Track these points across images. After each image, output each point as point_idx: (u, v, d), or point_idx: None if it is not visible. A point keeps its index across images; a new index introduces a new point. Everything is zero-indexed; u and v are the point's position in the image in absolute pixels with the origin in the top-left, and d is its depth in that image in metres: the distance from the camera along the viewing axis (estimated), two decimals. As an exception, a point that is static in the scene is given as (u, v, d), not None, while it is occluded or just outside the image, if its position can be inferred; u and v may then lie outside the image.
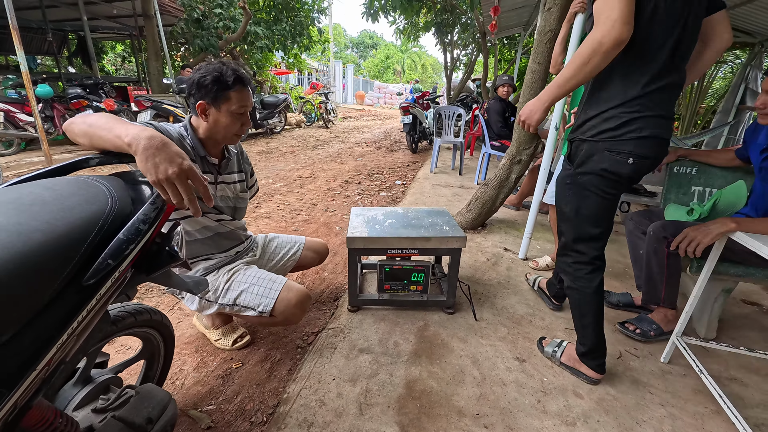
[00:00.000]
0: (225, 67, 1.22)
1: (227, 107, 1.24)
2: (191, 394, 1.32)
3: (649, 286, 1.66)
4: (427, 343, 1.58)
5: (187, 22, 8.00)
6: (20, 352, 0.50)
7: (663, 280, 1.60)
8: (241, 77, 1.23)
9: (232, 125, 1.28)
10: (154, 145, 0.69)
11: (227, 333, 1.54)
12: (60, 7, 7.21)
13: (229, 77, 1.21)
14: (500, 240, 2.69)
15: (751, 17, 4.13)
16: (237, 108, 1.25)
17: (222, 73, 1.20)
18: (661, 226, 1.55)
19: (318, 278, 2.16)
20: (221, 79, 1.20)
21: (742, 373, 1.50)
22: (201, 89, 1.21)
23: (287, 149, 6.48)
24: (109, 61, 13.15)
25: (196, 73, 1.23)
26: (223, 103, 1.23)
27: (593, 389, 1.37)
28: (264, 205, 3.46)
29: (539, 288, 2.02)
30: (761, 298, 2.09)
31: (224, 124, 1.27)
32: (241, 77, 1.24)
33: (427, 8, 8.45)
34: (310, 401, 1.27)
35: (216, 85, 1.20)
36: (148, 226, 0.66)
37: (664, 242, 1.53)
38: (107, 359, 1.01)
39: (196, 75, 1.22)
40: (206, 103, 1.23)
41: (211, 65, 1.23)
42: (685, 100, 5.81)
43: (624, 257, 2.53)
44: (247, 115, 1.31)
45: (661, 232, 1.54)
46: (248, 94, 1.28)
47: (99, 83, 5.90)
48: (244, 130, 1.33)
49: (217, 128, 1.28)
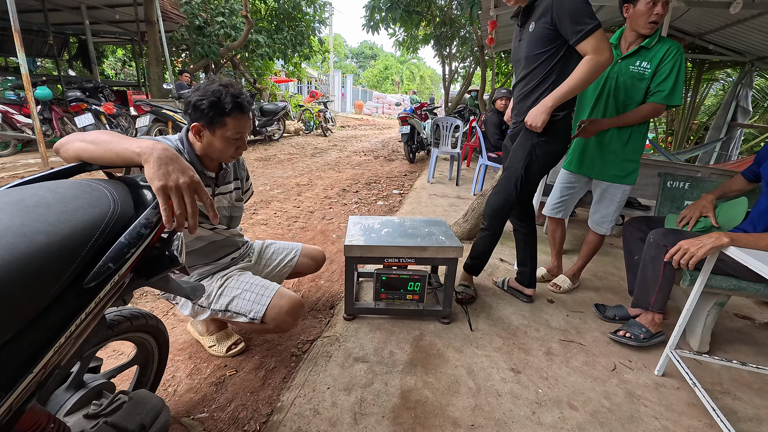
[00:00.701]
0: (224, 92, 1.17)
1: (222, 132, 1.20)
2: (184, 401, 1.30)
3: (641, 290, 1.68)
4: (422, 353, 1.57)
5: (188, 29, 8.07)
6: (19, 354, 0.50)
7: (656, 286, 1.61)
8: (240, 104, 1.19)
9: (227, 150, 1.25)
10: (169, 156, 0.70)
11: (221, 339, 1.53)
12: (62, 10, 7.26)
13: (227, 104, 1.16)
14: (496, 251, 2.70)
15: (742, 37, 4.25)
16: (232, 134, 1.22)
17: (220, 99, 1.15)
18: (662, 234, 1.57)
19: (314, 286, 2.15)
20: (218, 105, 1.16)
21: (735, 386, 1.51)
22: (197, 111, 1.17)
23: (285, 156, 6.50)
24: (110, 65, 13.20)
25: (194, 92, 1.18)
26: (218, 128, 1.20)
27: (588, 401, 1.37)
28: (261, 211, 3.46)
29: (510, 287, 2.08)
30: (753, 312, 2.11)
31: (218, 148, 1.24)
32: (241, 104, 1.19)
33: (427, 21, 8.60)
34: (304, 410, 1.26)
35: (212, 110, 1.16)
36: (149, 230, 0.66)
37: (663, 250, 1.54)
38: (100, 364, 1.00)
39: (193, 96, 1.17)
40: (201, 126, 1.20)
41: (210, 86, 1.18)
42: (678, 116, 5.93)
43: (618, 270, 2.55)
44: (244, 139, 1.27)
45: (661, 241, 1.56)
46: (246, 120, 1.23)
47: (99, 87, 5.91)
48: (239, 153, 1.29)
49: (211, 150, 1.25)
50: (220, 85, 1.19)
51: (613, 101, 1.83)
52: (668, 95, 1.71)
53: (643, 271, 1.65)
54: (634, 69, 1.75)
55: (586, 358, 1.61)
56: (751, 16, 3.57)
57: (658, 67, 1.71)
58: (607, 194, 1.96)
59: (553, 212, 2.16)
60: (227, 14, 8.60)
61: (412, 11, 7.38)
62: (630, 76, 1.77)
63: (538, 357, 1.60)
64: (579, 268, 2.19)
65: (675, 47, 1.70)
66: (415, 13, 7.59)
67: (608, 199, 1.96)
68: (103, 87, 6.02)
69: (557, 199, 2.13)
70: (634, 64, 1.76)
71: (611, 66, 1.80)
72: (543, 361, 1.57)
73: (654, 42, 1.72)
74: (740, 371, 1.58)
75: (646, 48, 1.73)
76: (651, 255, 1.60)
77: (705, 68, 5.50)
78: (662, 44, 1.72)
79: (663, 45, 1.71)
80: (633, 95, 1.78)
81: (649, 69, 1.72)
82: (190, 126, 1.22)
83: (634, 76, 1.76)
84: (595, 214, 2.04)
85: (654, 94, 1.74)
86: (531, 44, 1.58)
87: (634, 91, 1.78)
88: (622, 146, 1.85)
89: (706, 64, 5.44)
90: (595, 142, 1.92)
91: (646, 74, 1.73)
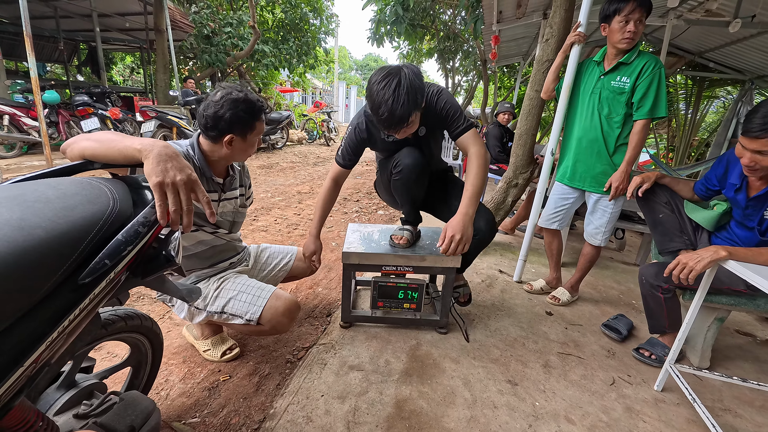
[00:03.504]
0: (248, 98, 1.25)
1: (252, 136, 1.30)
2: (176, 405, 1.29)
3: (652, 319, 1.70)
4: (418, 363, 1.56)
5: (196, 38, 8.23)
6: (9, 347, 0.50)
7: (664, 313, 1.63)
8: (262, 106, 1.29)
9: (250, 151, 1.35)
10: (168, 153, 0.71)
11: (216, 344, 1.52)
12: (74, 18, 7.41)
13: (257, 110, 1.27)
14: (495, 262, 2.70)
15: (742, 56, 4.30)
16: (257, 134, 1.32)
17: (251, 107, 1.25)
18: (654, 275, 1.58)
19: (312, 293, 2.14)
20: (252, 111, 1.25)
21: (736, 404, 1.49)
22: (234, 124, 1.23)
23: (288, 165, 6.54)
24: (118, 72, 13.41)
25: (219, 107, 1.20)
26: (249, 132, 1.28)
27: (586, 414, 1.35)
28: (261, 218, 3.47)
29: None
30: (754, 329, 2.09)
31: (244, 150, 1.32)
32: (262, 105, 1.29)
33: (431, 35, 8.75)
34: (297, 417, 1.25)
35: (248, 118, 1.25)
36: (147, 228, 0.66)
37: (658, 290, 1.58)
38: (93, 364, 0.99)
39: (222, 111, 1.20)
40: (235, 136, 1.26)
41: (230, 96, 1.22)
42: (679, 133, 5.96)
43: (618, 284, 2.54)
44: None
45: (654, 281, 1.58)
46: (264, 119, 1.34)
47: (106, 92, 6.01)
48: (254, 149, 1.38)
49: (238, 154, 1.32)
50: (239, 92, 1.25)
51: (597, 116, 1.90)
52: (651, 109, 1.76)
53: (646, 304, 1.68)
54: (615, 84, 1.82)
55: (585, 372, 1.59)
56: (750, 35, 3.62)
57: (636, 82, 1.77)
58: (600, 205, 1.98)
59: (547, 223, 2.17)
60: (235, 24, 8.78)
61: (416, 25, 7.51)
62: (611, 90, 1.84)
63: (535, 369, 1.58)
64: (577, 280, 2.18)
65: (652, 61, 1.75)
66: (420, 26, 7.73)
67: (601, 210, 1.98)
68: (110, 92, 6.12)
69: (552, 210, 2.14)
70: (615, 79, 1.82)
71: (594, 82, 1.89)
72: (541, 374, 1.55)
73: (633, 57, 1.79)
74: (741, 388, 1.55)
75: (625, 63, 1.80)
76: (649, 292, 1.62)
77: (705, 86, 5.55)
78: (641, 59, 1.77)
79: (641, 60, 1.77)
80: (616, 108, 1.85)
81: (628, 83, 1.79)
82: (215, 138, 1.26)
83: (615, 91, 1.83)
84: (588, 226, 2.05)
85: (638, 109, 1.79)
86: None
87: (616, 104, 1.84)
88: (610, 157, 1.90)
89: (707, 82, 5.49)
90: (586, 155, 1.96)
91: (626, 88, 1.80)
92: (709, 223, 1.61)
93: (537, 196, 2.23)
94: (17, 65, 9.26)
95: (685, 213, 1.66)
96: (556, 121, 2.09)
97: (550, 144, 2.14)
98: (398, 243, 1.71)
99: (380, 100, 1.27)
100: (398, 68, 1.30)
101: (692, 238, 1.65)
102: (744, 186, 1.45)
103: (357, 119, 1.60)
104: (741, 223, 1.51)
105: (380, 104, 1.27)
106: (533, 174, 2.67)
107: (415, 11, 7.19)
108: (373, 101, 1.30)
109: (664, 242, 1.70)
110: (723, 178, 1.55)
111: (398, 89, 1.25)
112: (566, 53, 1.97)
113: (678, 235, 1.66)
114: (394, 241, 1.72)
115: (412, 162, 1.54)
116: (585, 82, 1.95)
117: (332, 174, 1.67)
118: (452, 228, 1.43)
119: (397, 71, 1.29)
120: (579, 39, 1.91)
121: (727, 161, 1.54)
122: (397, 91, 1.25)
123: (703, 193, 1.66)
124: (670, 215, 1.69)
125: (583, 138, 1.95)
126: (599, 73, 1.88)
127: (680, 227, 1.67)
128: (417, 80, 1.31)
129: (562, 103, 2.02)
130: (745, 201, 1.45)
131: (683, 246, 1.64)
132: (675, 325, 1.63)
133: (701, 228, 1.65)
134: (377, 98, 1.28)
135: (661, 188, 1.72)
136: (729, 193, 1.52)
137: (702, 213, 1.63)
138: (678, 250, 1.62)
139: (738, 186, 1.46)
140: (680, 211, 1.68)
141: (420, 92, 1.32)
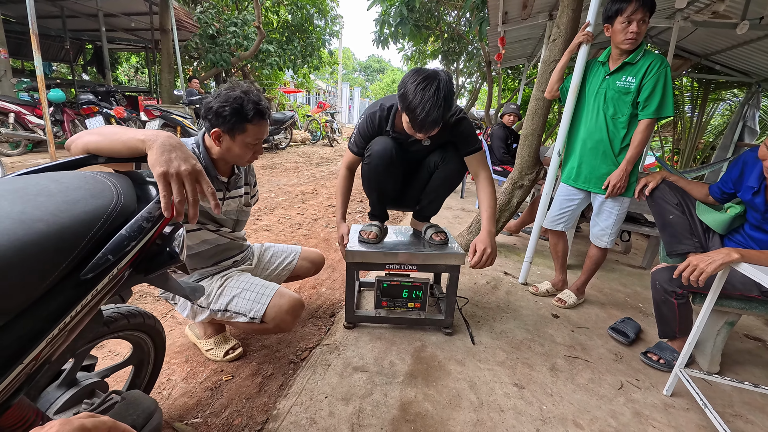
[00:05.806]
0: (246, 99, 1.20)
1: (242, 138, 1.24)
2: (178, 405, 1.27)
3: (663, 324, 1.66)
4: (423, 365, 1.54)
5: (201, 38, 8.26)
6: (9, 344, 0.48)
7: (676, 319, 1.60)
8: (260, 111, 1.22)
9: (245, 154, 1.28)
10: (172, 143, 0.70)
11: (219, 343, 1.51)
12: (80, 17, 7.46)
13: (249, 111, 1.19)
14: (500, 263, 2.67)
15: (749, 58, 4.26)
16: (252, 140, 1.25)
17: (242, 106, 1.18)
18: (668, 280, 1.54)
19: (315, 293, 2.13)
20: (241, 111, 1.19)
21: (747, 409, 1.46)
22: (218, 118, 1.19)
23: (291, 165, 6.54)
24: (123, 72, 13.49)
25: (215, 98, 1.20)
26: (238, 134, 1.23)
27: (594, 419, 1.32)
28: (265, 218, 3.46)
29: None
30: (764, 333, 2.05)
31: (237, 153, 1.27)
32: (261, 111, 1.22)
33: (435, 37, 8.75)
34: (301, 419, 1.23)
35: (234, 117, 1.19)
36: (151, 224, 0.65)
37: (672, 295, 1.54)
38: (95, 363, 0.98)
39: (215, 102, 1.19)
40: (221, 132, 1.23)
41: (231, 93, 1.20)
42: (684, 135, 5.91)
43: (625, 287, 2.51)
44: (260, 144, 1.31)
45: (668, 286, 1.54)
46: (265, 126, 1.27)
47: (111, 91, 6.03)
48: (255, 157, 1.34)
49: (230, 155, 1.28)
50: (242, 91, 1.21)
51: (602, 116, 1.88)
52: (657, 108, 1.74)
53: (658, 309, 1.64)
54: (621, 84, 1.80)
55: (592, 375, 1.56)
56: (757, 37, 3.59)
57: (642, 81, 1.75)
58: (605, 207, 1.96)
59: (552, 224, 2.14)
60: (240, 24, 8.81)
61: (421, 26, 7.51)
62: (617, 90, 1.82)
63: (542, 372, 1.55)
64: (583, 282, 2.15)
65: (658, 60, 1.73)
66: (424, 28, 7.72)
67: (606, 212, 1.96)
68: (115, 91, 6.14)
69: (557, 211, 2.12)
70: (620, 79, 1.81)
71: (600, 82, 1.87)
72: (547, 377, 1.53)
73: (638, 57, 1.77)
74: (752, 393, 1.52)
75: (630, 63, 1.78)
76: (662, 298, 1.59)
77: (711, 88, 5.51)
78: (646, 58, 1.76)
79: (647, 59, 1.75)
80: (621, 108, 1.83)
81: (634, 83, 1.77)
82: (209, 131, 1.24)
83: (620, 91, 1.81)
84: (594, 227, 2.03)
85: (644, 109, 1.77)
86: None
87: (621, 104, 1.82)
88: (615, 158, 1.88)
89: (713, 84, 5.44)
90: (591, 156, 1.94)
91: (632, 88, 1.78)
92: (720, 226, 1.58)
93: (543, 197, 2.20)
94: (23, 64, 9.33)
95: (697, 215, 1.64)
96: (563, 122, 2.07)
97: (557, 144, 2.12)
98: (366, 238, 1.72)
99: (419, 101, 1.29)
100: (435, 72, 1.34)
101: (702, 240, 1.62)
102: (762, 189, 1.42)
103: (371, 109, 1.63)
104: (758, 227, 1.48)
105: (418, 105, 1.30)
106: (539, 175, 2.64)
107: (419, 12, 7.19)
108: (409, 101, 1.32)
109: (672, 244, 1.68)
110: (738, 180, 1.52)
111: (438, 93, 1.29)
112: (572, 53, 1.95)
113: (688, 237, 1.63)
114: (363, 236, 1.73)
115: (381, 149, 1.56)
116: (590, 82, 1.93)
117: (346, 161, 1.71)
118: (482, 242, 1.52)
119: (435, 75, 1.32)
120: (587, 39, 1.89)
121: (743, 163, 1.50)
122: (437, 95, 1.28)
123: (718, 196, 1.64)
124: (680, 217, 1.66)
125: (588, 139, 1.93)
126: (604, 73, 1.87)
127: (690, 229, 1.64)
128: (452, 87, 1.36)
129: (569, 103, 2.00)
130: (764, 204, 1.41)
131: (692, 249, 1.61)
132: (685, 331, 1.60)
133: (713, 231, 1.62)
134: (415, 99, 1.30)
135: (673, 189, 1.69)
136: (745, 196, 1.49)
137: (713, 215, 1.60)
138: (687, 253, 1.59)
139: (756, 189, 1.43)
140: (692, 212, 1.65)
141: (453, 99, 1.38)
